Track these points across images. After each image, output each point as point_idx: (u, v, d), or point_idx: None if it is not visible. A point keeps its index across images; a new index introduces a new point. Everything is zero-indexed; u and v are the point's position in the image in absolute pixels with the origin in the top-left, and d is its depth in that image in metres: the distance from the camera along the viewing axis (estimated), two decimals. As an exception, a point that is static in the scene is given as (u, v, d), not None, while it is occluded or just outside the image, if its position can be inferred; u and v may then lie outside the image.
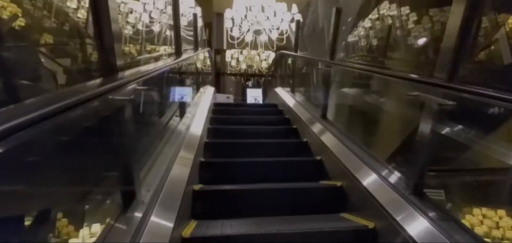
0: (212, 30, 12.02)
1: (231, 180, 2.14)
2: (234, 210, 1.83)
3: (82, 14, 7.41)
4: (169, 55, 4.76)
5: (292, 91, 4.19)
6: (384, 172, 1.68)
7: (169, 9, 7.29)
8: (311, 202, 1.98)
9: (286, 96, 4.15)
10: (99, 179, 1.52)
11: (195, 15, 4.20)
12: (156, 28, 7.32)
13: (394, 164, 1.74)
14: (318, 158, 2.43)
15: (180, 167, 1.79)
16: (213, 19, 11.98)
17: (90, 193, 1.50)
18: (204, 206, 1.82)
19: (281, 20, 8.93)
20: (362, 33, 3.42)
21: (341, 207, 1.86)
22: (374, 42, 3.18)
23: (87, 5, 7.44)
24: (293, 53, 4.04)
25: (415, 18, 2.65)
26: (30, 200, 1.16)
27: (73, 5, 7.33)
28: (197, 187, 1.90)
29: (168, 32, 7.70)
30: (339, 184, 1.96)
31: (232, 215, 1.74)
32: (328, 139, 2.46)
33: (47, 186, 1.18)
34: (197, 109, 3.14)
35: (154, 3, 6.94)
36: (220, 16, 11.80)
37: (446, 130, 1.68)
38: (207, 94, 4.17)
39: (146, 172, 1.64)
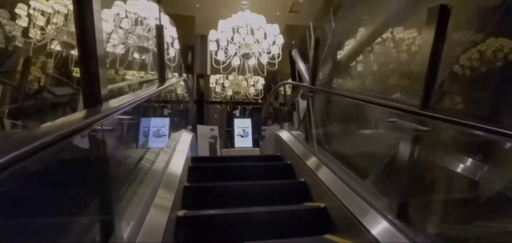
0: (194, 54, 10.63)
1: None
2: None
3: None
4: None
5: (307, 139, 2.77)
6: None
7: (140, 30, 5.85)
8: None
9: (299, 148, 2.72)
10: None
11: (159, 29, 2.58)
12: (118, 50, 5.82)
13: None
14: None
15: None
16: (196, 41, 10.62)
17: None
18: None
19: (272, 42, 7.71)
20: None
21: None
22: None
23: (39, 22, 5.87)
24: (324, 88, 2.58)
25: None
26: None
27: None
28: None
29: (136, 56, 6.23)
30: None
31: None
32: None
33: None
34: (154, 198, 1.61)
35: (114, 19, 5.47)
36: (203, 38, 10.47)
37: None
38: (180, 150, 2.62)
39: None
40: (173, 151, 2.40)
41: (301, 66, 3.37)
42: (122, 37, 4.81)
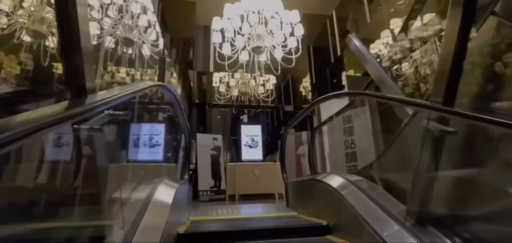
0: (195, 48, 9.13)
1: None
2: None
3: None
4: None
5: (420, 223, 1.26)
6: None
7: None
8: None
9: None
10: None
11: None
12: (106, 43, 4.45)
13: None
14: None
15: None
16: (197, 33, 9.09)
17: None
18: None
19: (290, 33, 6.18)
20: None
21: None
22: None
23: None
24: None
25: None
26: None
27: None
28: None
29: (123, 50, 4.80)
30: None
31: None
32: None
33: None
34: None
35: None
36: (206, 29, 8.96)
37: None
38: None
39: None
40: None
41: (374, 64, 1.84)
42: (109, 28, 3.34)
